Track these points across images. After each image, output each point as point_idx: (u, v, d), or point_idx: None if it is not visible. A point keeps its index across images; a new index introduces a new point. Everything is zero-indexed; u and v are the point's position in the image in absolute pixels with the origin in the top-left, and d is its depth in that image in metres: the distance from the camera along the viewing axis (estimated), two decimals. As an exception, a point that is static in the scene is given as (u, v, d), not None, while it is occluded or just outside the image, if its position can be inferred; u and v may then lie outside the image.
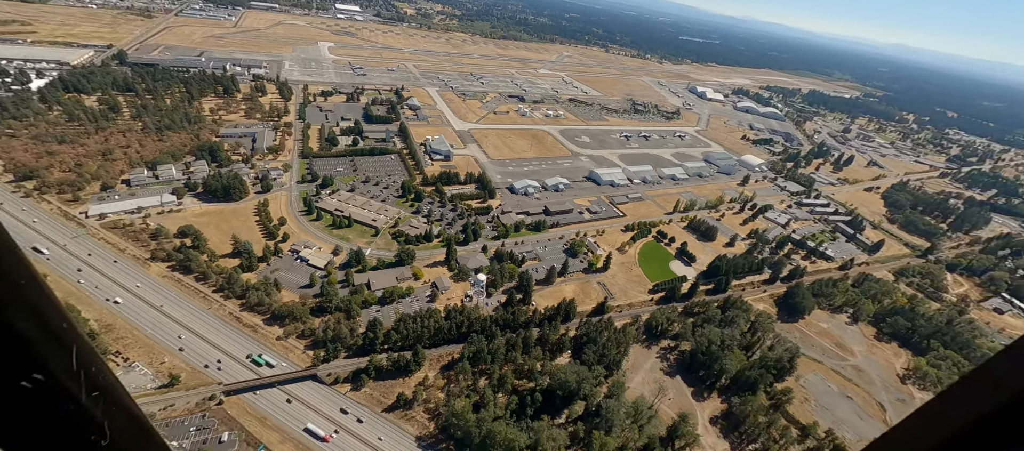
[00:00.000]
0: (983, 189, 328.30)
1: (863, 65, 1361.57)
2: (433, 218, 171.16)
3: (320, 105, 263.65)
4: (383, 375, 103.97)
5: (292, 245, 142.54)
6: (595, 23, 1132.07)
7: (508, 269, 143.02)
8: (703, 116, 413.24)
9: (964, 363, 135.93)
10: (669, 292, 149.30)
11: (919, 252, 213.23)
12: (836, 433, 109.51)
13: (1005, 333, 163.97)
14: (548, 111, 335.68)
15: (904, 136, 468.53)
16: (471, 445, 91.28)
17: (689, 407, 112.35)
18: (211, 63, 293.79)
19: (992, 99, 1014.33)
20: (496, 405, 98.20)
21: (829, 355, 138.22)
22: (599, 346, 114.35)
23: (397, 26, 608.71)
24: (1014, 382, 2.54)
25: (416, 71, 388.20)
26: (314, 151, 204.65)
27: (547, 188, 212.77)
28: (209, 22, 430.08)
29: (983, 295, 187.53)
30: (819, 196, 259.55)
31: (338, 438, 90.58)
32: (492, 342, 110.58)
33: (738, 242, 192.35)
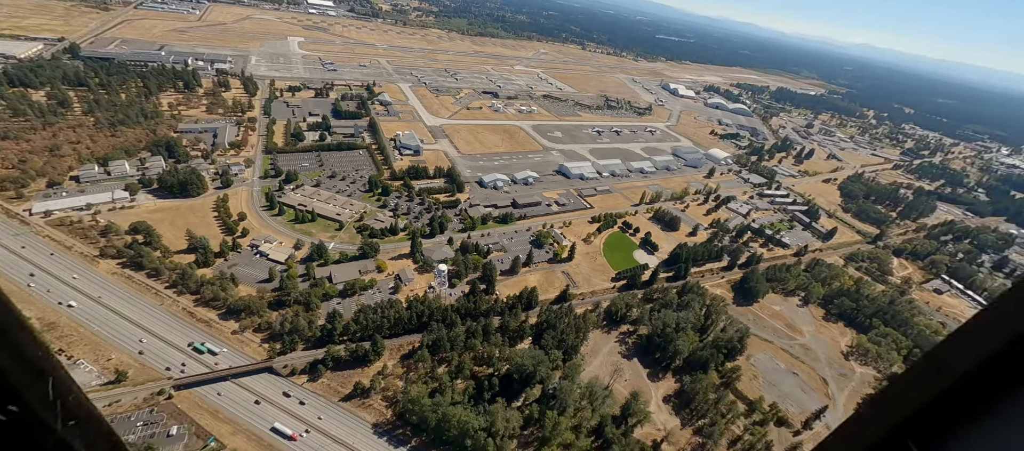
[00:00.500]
0: (932, 180, 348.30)
1: (829, 64, 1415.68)
2: (400, 212, 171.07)
3: (287, 101, 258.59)
4: (341, 365, 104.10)
5: (252, 240, 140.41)
6: (573, 21, 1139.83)
7: (473, 260, 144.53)
8: (674, 112, 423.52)
9: (902, 339, 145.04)
10: (631, 280, 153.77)
11: (869, 239, 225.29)
12: (780, 407, 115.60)
13: (942, 311, 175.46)
14: (521, 107, 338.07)
15: (863, 131, 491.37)
16: (427, 429, 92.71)
17: (644, 387, 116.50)
18: (172, 57, 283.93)
19: (947, 96, 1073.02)
20: (454, 391, 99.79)
21: (780, 335, 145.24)
22: (558, 332, 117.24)
23: (371, 22, 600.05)
24: (958, 366, 2.87)
25: (389, 67, 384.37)
26: (279, 146, 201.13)
27: (516, 182, 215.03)
28: (171, 15, 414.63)
29: (925, 277, 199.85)
30: (780, 187, 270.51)
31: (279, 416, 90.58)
32: (452, 331, 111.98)
33: (700, 231, 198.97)
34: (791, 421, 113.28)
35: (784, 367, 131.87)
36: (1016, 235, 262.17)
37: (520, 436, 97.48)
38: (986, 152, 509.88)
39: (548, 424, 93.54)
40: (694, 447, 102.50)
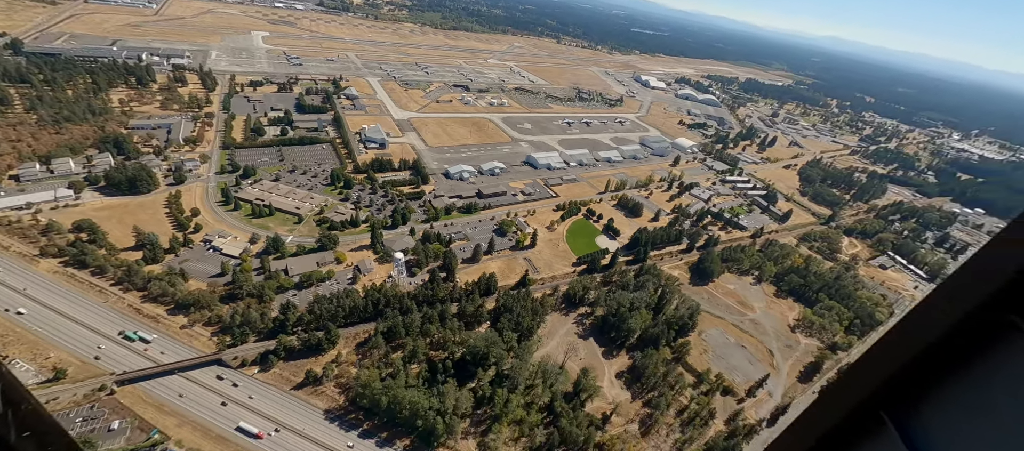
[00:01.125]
0: (886, 164, 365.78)
1: (799, 56, 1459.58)
2: (362, 204, 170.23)
3: (248, 96, 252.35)
4: (294, 355, 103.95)
5: (205, 236, 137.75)
6: (549, 15, 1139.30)
7: (434, 249, 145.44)
8: (645, 103, 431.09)
9: (844, 312, 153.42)
10: (591, 264, 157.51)
11: (823, 220, 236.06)
12: (727, 377, 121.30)
13: (886, 285, 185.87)
14: (492, 100, 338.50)
15: (825, 119, 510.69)
16: (380, 412, 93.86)
17: (598, 365, 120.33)
18: (124, 53, 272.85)
19: (906, 86, 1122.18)
20: (408, 375, 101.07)
21: (732, 312, 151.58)
22: (515, 316, 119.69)
23: (341, 16, 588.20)
24: (922, 337, 3.12)
25: (358, 61, 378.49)
26: (237, 142, 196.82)
27: (483, 173, 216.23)
28: (125, 9, 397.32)
29: (873, 254, 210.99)
30: (742, 173, 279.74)
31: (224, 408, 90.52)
32: (408, 317, 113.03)
33: (662, 217, 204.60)
34: (736, 390, 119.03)
35: (734, 341, 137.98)
36: (958, 214, 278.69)
37: (474, 415, 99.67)
38: (938, 138, 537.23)
39: (498, 402, 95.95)
40: (642, 418, 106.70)
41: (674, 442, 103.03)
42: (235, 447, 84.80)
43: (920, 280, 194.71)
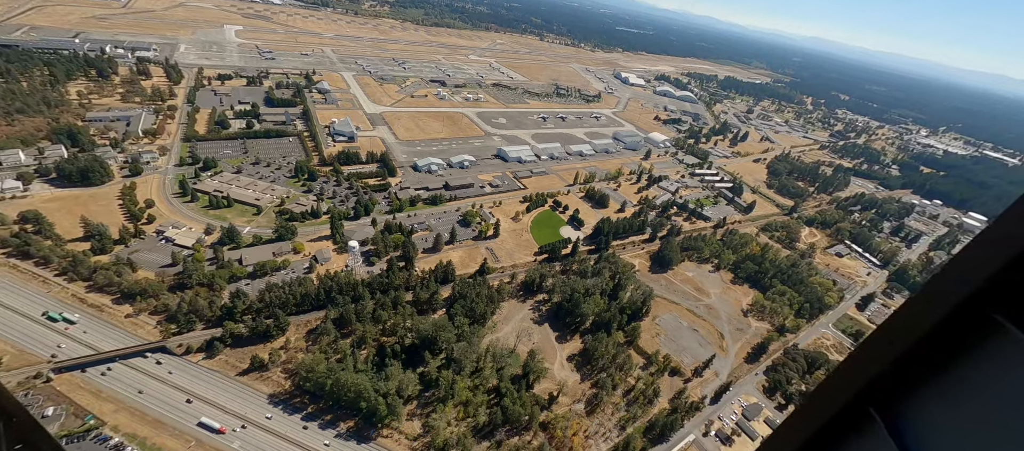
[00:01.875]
0: (853, 158, 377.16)
1: (779, 55, 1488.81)
2: (326, 196, 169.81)
3: (215, 89, 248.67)
4: (242, 342, 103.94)
5: (158, 226, 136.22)
6: (535, 13, 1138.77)
7: (393, 239, 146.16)
8: (623, 99, 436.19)
9: (795, 296, 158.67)
10: (552, 253, 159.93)
11: (786, 211, 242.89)
12: (675, 358, 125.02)
13: (839, 272, 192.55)
14: (468, 95, 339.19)
15: (798, 116, 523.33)
16: (324, 396, 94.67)
17: (551, 349, 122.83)
18: (87, 45, 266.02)
19: (880, 84, 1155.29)
20: (357, 360, 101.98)
21: (687, 298, 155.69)
22: (468, 302, 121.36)
23: (320, 11, 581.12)
24: (908, 335, 3.25)
25: (333, 56, 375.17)
26: (200, 134, 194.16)
27: (452, 165, 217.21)
28: (91, 2, 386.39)
29: (830, 243, 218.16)
30: (711, 167, 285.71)
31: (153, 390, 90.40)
32: (359, 304, 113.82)
33: (628, 208, 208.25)
34: (683, 370, 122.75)
35: (686, 325, 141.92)
36: (917, 205, 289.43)
37: (421, 398, 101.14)
38: (906, 134, 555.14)
39: (442, 383, 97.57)
40: (589, 398, 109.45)
41: (619, 419, 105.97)
42: (171, 430, 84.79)
43: (873, 267, 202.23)
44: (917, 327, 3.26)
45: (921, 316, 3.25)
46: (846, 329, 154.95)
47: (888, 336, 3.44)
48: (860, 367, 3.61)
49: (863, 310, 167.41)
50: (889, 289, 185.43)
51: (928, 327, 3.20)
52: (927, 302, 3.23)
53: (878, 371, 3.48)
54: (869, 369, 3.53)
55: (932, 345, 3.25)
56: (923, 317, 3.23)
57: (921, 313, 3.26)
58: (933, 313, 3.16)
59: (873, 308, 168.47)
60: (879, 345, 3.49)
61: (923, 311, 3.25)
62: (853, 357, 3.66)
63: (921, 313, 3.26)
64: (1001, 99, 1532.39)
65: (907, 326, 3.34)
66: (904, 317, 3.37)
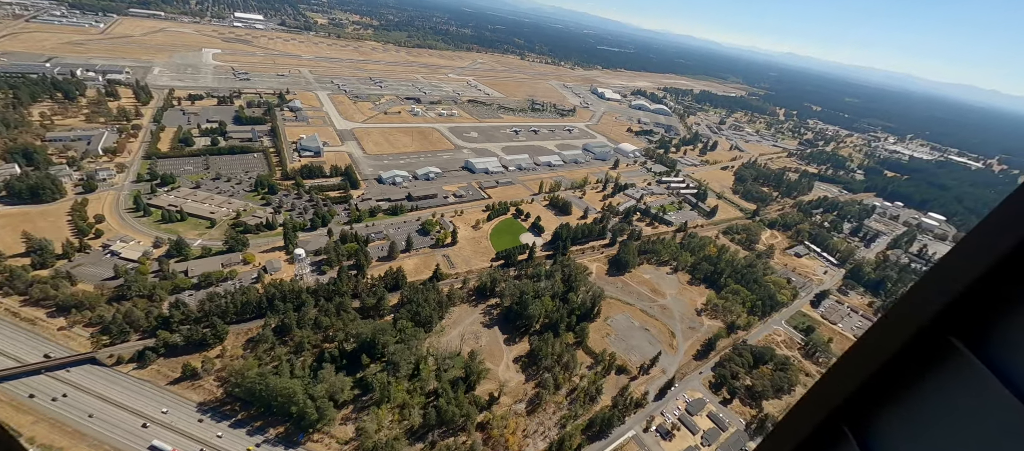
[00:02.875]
0: (819, 164, 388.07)
1: (755, 70, 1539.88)
2: (284, 209, 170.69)
3: (184, 109, 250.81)
4: (177, 352, 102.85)
5: (106, 240, 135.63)
6: (519, 34, 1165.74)
7: (347, 248, 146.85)
8: (597, 113, 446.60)
9: (748, 294, 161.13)
10: (507, 259, 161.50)
11: (748, 214, 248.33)
12: (623, 357, 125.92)
13: (797, 271, 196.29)
14: (442, 111, 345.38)
15: (769, 126, 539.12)
16: (255, 402, 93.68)
17: (499, 350, 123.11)
18: (57, 69, 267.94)
19: (852, 95, 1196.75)
20: (295, 366, 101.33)
21: (643, 299, 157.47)
22: (414, 307, 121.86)
23: (302, 35, 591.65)
24: (879, 354, 3.50)
25: (310, 76, 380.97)
26: (162, 152, 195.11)
27: (418, 177, 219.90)
28: (69, 29, 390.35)
29: (790, 243, 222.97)
30: (678, 174, 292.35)
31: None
32: (301, 311, 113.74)
33: (591, 214, 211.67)
34: (629, 368, 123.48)
35: (638, 325, 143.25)
36: (878, 207, 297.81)
37: (359, 402, 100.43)
38: (875, 141, 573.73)
39: (377, 387, 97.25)
40: (532, 397, 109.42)
41: (560, 418, 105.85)
42: (90, 440, 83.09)
43: (831, 266, 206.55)
44: (884, 349, 3.41)
45: (887, 338, 3.40)
46: (798, 325, 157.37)
47: (859, 356, 3.57)
48: (834, 386, 3.77)
49: (817, 307, 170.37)
50: (844, 286, 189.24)
51: (893, 349, 3.35)
52: (892, 325, 3.37)
53: (850, 390, 3.61)
54: (842, 388, 3.66)
55: (897, 366, 3.41)
56: (889, 339, 3.38)
57: (887, 335, 3.41)
58: (897, 336, 3.32)
59: (826, 305, 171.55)
60: (851, 365, 3.62)
61: (889, 334, 3.39)
62: (828, 376, 3.85)
63: (887, 335, 3.41)
64: (970, 108, 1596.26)
65: (875, 347, 3.48)
66: (873, 339, 3.50)
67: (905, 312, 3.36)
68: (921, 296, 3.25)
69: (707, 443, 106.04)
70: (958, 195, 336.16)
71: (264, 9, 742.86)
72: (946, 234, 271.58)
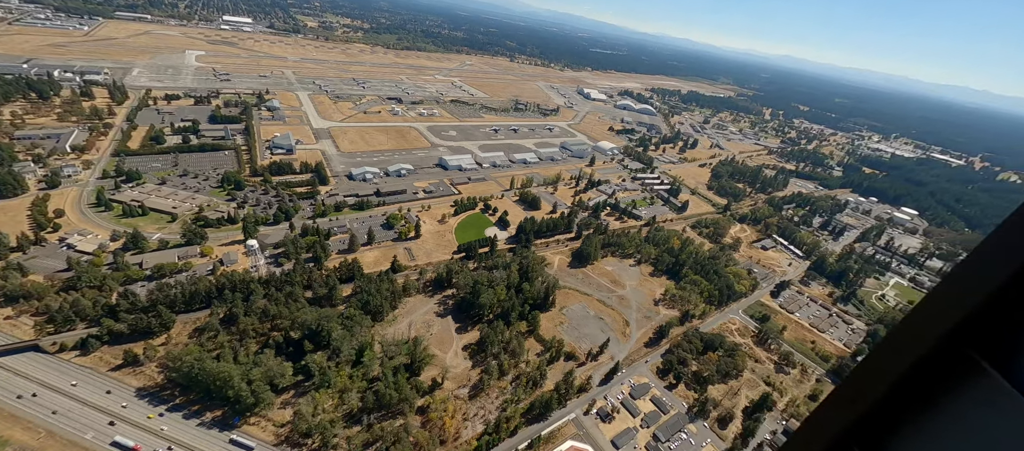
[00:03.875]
0: (798, 161, 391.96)
1: (749, 72, 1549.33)
2: (249, 204, 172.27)
3: (159, 108, 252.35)
4: (122, 340, 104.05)
5: (64, 234, 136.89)
6: (512, 37, 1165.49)
7: (306, 241, 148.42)
8: (581, 113, 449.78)
9: (705, 284, 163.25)
10: (468, 251, 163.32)
11: (720, 209, 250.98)
12: (573, 344, 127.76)
13: (761, 263, 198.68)
14: (423, 110, 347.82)
15: (753, 125, 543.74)
16: (194, 387, 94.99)
17: (450, 338, 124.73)
18: (34, 70, 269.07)
19: (843, 96, 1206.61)
20: (237, 353, 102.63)
21: (602, 289, 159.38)
22: (364, 296, 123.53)
23: (290, 38, 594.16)
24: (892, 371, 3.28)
25: (292, 77, 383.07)
26: (132, 149, 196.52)
27: (389, 174, 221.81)
28: (53, 31, 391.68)
29: (759, 237, 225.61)
30: (654, 171, 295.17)
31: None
32: (250, 301, 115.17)
33: (560, 209, 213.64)
34: (578, 355, 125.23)
35: (594, 314, 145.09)
36: (851, 202, 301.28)
37: (301, 387, 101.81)
38: (859, 140, 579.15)
39: (316, 372, 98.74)
40: (474, 382, 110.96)
41: (503, 402, 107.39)
42: (24, 423, 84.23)
43: (796, 258, 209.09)
44: (898, 364, 3.23)
45: (901, 352, 3.21)
46: (754, 314, 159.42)
47: (871, 372, 3.41)
48: (844, 404, 3.57)
49: (776, 297, 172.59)
50: (807, 277, 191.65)
51: (908, 364, 3.17)
52: (906, 338, 3.19)
53: (862, 409, 3.43)
54: (854, 407, 3.48)
55: (912, 383, 3.21)
56: (903, 354, 3.19)
57: (901, 349, 3.22)
58: (912, 350, 3.13)
59: (786, 295, 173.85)
60: (862, 382, 3.44)
61: (902, 347, 3.20)
62: (837, 394, 3.64)
63: (901, 349, 3.22)
64: (961, 108, 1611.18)
65: (889, 363, 3.30)
66: (885, 353, 3.33)
67: (920, 323, 3.13)
68: (937, 306, 3.02)
69: (646, 425, 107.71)
70: (933, 190, 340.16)
71: (254, 13, 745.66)
72: (917, 228, 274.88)
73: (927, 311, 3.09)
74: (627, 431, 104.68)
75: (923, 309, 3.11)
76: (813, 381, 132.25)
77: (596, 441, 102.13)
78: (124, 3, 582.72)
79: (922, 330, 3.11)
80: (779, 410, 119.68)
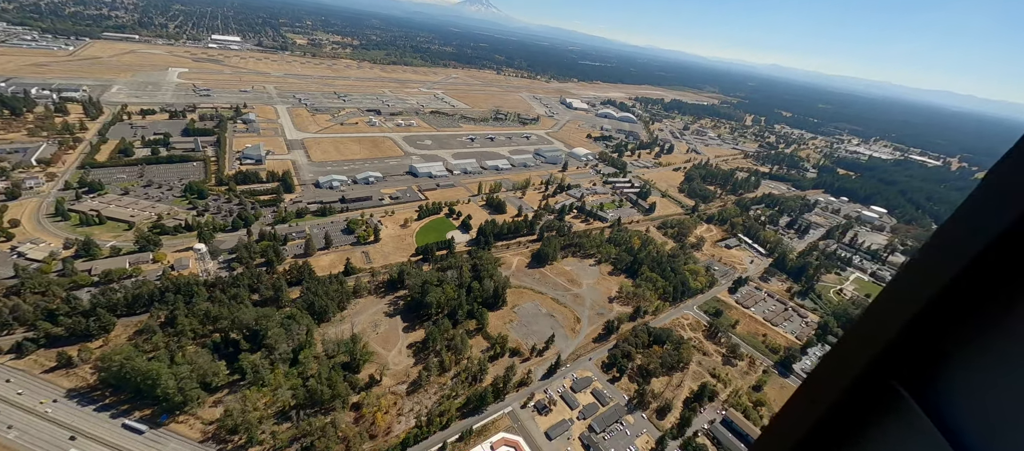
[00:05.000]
0: (773, 164, 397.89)
1: (735, 80, 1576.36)
2: (210, 212, 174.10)
3: (133, 123, 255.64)
4: (59, 342, 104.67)
5: (16, 243, 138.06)
6: (502, 51, 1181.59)
7: (260, 246, 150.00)
8: (561, 121, 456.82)
9: (661, 281, 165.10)
10: (426, 254, 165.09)
11: (688, 210, 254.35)
12: (517, 339, 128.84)
13: (723, 261, 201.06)
14: (401, 121, 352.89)
15: (733, 130, 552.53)
16: (126, 387, 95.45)
17: (396, 337, 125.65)
18: (12, 88, 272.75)
19: (827, 102, 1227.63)
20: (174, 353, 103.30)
21: (557, 288, 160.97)
22: (309, 297, 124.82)
23: (276, 55, 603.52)
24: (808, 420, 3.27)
25: (274, 91, 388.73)
26: (98, 162, 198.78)
27: (358, 181, 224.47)
28: (38, 52, 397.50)
29: (724, 236, 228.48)
30: (626, 176, 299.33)
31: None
32: (192, 303, 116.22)
33: (527, 213, 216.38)
34: (522, 351, 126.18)
35: (545, 312, 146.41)
36: (821, 202, 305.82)
37: (238, 386, 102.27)
38: (838, 143, 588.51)
39: (249, 370, 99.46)
40: (413, 379, 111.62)
41: (441, 398, 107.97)
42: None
43: (759, 256, 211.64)
44: (827, 393, 3.18)
45: (830, 382, 3.16)
46: (709, 309, 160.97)
47: (804, 402, 3.37)
48: (779, 436, 3.53)
49: (734, 293, 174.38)
50: (766, 274, 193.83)
51: (837, 394, 3.12)
52: (834, 368, 3.14)
53: (797, 440, 3.39)
54: (787, 439, 3.45)
55: (842, 413, 3.16)
56: (832, 383, 3.15)
57: (830, 379, 3.18)
58: (839, 380, 3.09)
59: (744, 291, 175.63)
60: (796, 412, 3.41)
61: (831, 377, 3.16)
62: (773, 424, 3.61)
63: (830, 379, 3.18)
64: (946, 112, 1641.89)
65: (820, 391, 3.25)
66: (816, 382, 3.28)
67: (847, 353, 3.11)
68: (862, 336, 2.99)
69: (583, 417, 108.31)
70: (904, 189, 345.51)
71: (244, 32, 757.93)
72: (884, 226, 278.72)
73: (853, 341, 3.04)
74: (562, 423, 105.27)
75: (850, 339, 3.05)
76: (759, 372, 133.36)
77: (530, 433, 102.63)
78: (113, 24, 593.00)
79: (850, 360, 3.05)
80: (720, 400, 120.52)
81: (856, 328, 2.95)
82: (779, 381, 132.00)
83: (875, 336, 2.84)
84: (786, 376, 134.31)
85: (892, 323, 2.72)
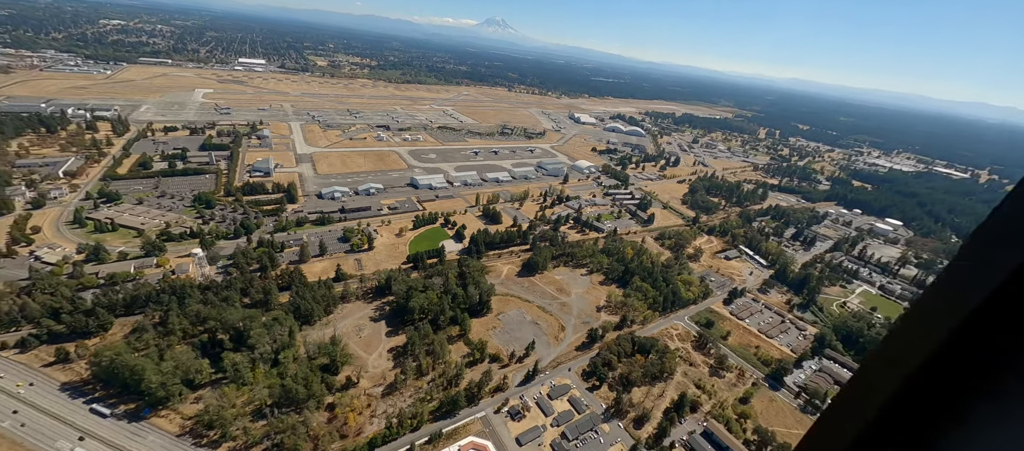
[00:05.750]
0: (784, 177, 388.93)
1: (753, 95, 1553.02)
2: (216, 220, 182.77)
3: (155, 139, 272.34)
4: (60, 339, 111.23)
5: (34, 247, 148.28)
6: (517, 70, 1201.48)
7: (257, 252, 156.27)
8: (567, 135, 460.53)
9: (651, 291, 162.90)
10: (416, 262, 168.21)
11: (689, 221, 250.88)
12: (497, 346, 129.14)
13: (721, 272, 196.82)
14: (408, 136, 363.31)
15: (744, 144, 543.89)
16: (112, 379, 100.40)
17: (378, 341, 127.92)
18: (50, 109, 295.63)
19: (848, 115, 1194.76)
20: (162, 351, 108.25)
21: (546, 297, 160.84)
22: (296, 302, 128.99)
23: (297, 76, 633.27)
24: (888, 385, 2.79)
25: (290, 109, 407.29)
26: (119, 174, 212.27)
27: (359, 193, 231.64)
28: (78, 76, 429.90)
29: (725, 247, 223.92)
30: (627, 188, 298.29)
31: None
32: (184, 304, 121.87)
33: (523, 223, 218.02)
34: (502, 357, 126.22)
35: (530, 319, 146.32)
36: (831, 213, 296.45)
37: (220, 383, 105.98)
38: (857, 155, 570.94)
39: (229, 368, 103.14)
40: (390, 382, 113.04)
41: (416, 401, 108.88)
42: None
43: (760, 267, 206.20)
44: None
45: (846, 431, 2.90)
46: (700, 320, 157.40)
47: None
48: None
49: (729, 304, 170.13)
50: (765, 285, 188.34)
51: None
52: (827, 437, 3.02)
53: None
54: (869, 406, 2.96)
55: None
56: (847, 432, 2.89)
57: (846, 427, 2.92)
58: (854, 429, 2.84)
59: (739, 302, 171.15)
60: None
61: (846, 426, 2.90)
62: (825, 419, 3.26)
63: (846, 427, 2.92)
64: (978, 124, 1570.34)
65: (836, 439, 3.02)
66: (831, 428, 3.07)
67: (839, 422, 2.96)
68: (855, 401, 2.85)
69: (557, 424, 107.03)
70: (923, 201, 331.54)
71: (269, 54, 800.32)
72: (898, 238, 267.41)
73: (843, 411, 2.94)
74: (534, 429, 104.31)
75: (839, 407, 2.98)
76: (748, 385, 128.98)
77: (500, 438, 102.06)
78: (150, 50, 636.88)
79: (841, 431, 2.91)
80: (703, 411, 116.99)
81: (845, 393, 2.84)
82: (768, 394, 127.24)
83: (868, 400, 2.74)
84: (776, 389, 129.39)
85: (878, 392, 2.62)
